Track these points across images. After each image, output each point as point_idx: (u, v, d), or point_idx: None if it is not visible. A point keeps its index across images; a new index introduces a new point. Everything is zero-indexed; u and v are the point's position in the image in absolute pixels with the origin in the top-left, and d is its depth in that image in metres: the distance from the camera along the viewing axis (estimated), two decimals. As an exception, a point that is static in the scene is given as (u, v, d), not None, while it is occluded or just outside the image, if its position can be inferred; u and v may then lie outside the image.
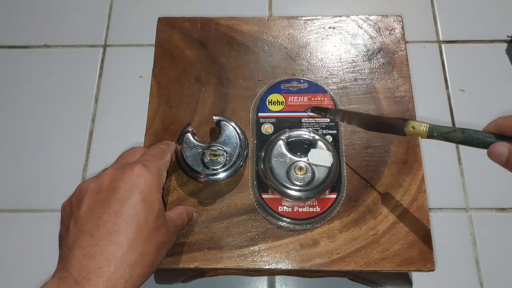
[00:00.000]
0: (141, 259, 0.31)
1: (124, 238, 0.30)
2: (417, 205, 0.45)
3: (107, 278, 0.29)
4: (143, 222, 0.32)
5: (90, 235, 0.30)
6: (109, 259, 0.29)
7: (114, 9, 0.91)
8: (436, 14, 0.89)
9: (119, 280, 0.29)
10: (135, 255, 0.31)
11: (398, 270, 0.43)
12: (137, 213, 0.32)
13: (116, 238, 0.30)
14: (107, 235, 0.30)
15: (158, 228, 0.33)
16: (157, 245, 0.33)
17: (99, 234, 0.30)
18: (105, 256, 0.29)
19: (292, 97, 0.49)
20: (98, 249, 0.30)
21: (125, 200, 0.32)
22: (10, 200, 0.75)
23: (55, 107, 0.82)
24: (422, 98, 0.77)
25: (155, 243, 0.33)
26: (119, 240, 0.30)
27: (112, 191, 0.33)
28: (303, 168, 0.44)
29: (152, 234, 0.32)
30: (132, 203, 0.32)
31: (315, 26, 0.54)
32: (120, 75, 0.84)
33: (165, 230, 0.34)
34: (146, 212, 0.32)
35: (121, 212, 0.31)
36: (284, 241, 0.44)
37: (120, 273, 0.29)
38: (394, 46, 0.53)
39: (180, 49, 0.53)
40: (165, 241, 0.34)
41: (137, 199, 0.32)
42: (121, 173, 0.34)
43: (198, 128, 0.48)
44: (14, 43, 0.88)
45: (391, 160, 0.47)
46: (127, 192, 0.32)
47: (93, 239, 0.30)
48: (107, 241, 0.30)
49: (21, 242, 0.72)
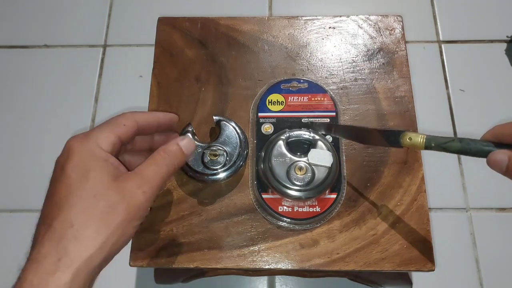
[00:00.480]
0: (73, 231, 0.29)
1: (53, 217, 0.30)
2: (417, 205, 0.45)
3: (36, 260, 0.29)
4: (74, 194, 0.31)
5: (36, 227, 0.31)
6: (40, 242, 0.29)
7: (114, 9, 0.91)
8: (436, 14, 0.89)
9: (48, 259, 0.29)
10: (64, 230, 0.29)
11: (398, 270, 0.43)
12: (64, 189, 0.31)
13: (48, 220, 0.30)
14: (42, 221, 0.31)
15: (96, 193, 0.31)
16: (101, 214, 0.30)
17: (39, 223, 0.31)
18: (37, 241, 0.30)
19: (292, 97, 0.49)
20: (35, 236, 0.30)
21: (56, 180, 0.32)
22: (10, 200, 0.75)
23: (55, 107, 0.82)
24: (422, 98, 0.77)
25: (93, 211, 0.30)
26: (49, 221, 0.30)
27: (51, 178, 0.33)
28: (303, 168, 0.44)
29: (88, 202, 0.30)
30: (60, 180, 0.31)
31: (315, 26, 0.54)
32: (120, 75, 0.84)
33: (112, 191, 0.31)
34: (76, 183, 0.31)
35: (53, 193, 0.31)
36: (284, 241, 0.44)
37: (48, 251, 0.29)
38: (394, 46, 0.53)
39: (180, 49, 0.53)
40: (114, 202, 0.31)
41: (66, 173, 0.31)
42: (59, 156, 0.33)
43: (198, 128, 0.48)
44: (14, 43, 0.88)
45: (391, 160, 0.47)
46: (59, 171, 0.32)
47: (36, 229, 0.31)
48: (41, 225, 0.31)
49: (21, 242, 0.72)
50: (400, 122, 0.49)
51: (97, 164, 0.32)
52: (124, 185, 0.32)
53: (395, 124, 0.49)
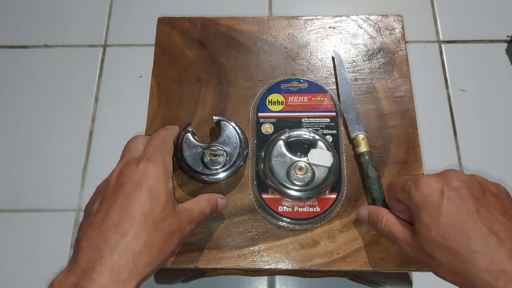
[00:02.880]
0: (145, 248, 0.32)
1: (128, 228, 0.32)
2: (417, 205, 0.45)
3: (111, 266, 0.30)
4: (148, 212, 0.33)
5: (97, 227, 0.32)
6: (112, 248, 0.31)
7: (114, 9, 0.91)
8: (436, 14, 0.89)
9: (123, 268, 0.30)
10: (139, 244, 0.32)
11: (398, 270, 0.43)
12: (142, 205, 0.33)
13: (120, 228, 0.32)
14: (112, 226, 0.32)
15: (165, 218, 0.34)
16: (163, 235, 0.33)
17: (105, 226, 0.32)
18: (109, 245, 0.31)
19: (292, 97, 0.49)
20: (103, 239, 0.31)
21: (131, 193, 0.33)
22: (10, 200, 0.75)
23: (55, 107, 0.82)
24: (422, 98, 0.77)
25: (161, 233, 0.33)
26: (123, 230, 0.32)
27: (119, 186, 0.34)
28: (303, 168, 0.44)
29: (158, 224, 0.33)
30: (137, 195, 0.33)
31: (315, 26, 0.54)
32: (120, 75, 0.84)
33: (174, 219, 0.35)
34: (151, 203, 0.33)
35: (126, 204, 0.33)
36: (284, 241, 0.44)
37: (124, 261, 0.30)
38: (394, 46, 0.53)
39: (180, 49, 0.53)
40: (174, 231, 0.35)
41: (142, 191, 0.34)
42: (127, 169, 0.35)
43: (198, 128, 0.48)
44: (14, 43, 0.88)
45: (391, 160, 0.47)
46: (133, 186, 0.34)
47: (99, 231, 0.32)
48: (111, 231, 0.31)
49: (21, 242, 0.72)
50: (400, 122, 0.49)
51: (167, 190, 0.35)
52: (180, 216, 0.36)
53: (395, 124, 0.49)
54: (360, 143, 0.46)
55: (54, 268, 0.70)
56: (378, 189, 0.44)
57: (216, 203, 0.41)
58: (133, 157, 0.38)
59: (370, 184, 0.44)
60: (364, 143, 0.46)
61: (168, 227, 0.34)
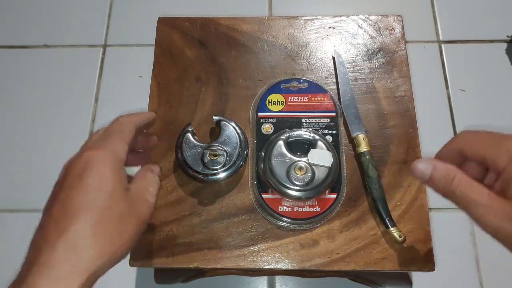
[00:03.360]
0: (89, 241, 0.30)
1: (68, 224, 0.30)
2: (417, 205, 0.45)
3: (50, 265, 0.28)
4: (91, 203, 0.31)
5: (40, 228, 0.31)
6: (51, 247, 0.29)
7: (114, 9, 0.91)
8: (436, 14, 0.89)
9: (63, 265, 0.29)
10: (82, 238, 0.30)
11: (398, 270, 0.43)
12: (83, 196, 0.31)
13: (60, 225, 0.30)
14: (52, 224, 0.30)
15: (111, 205, 0.32)
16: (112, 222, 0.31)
17: (46, 225, 0.31)
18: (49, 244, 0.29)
19: (292, 97, 0.49)
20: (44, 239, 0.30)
21: (72, 186, 0.32)
22: (10, 200, 0.75)
23: (55, 107, 0.82)
24: (422, 98, 0.77)
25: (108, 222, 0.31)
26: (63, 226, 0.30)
27: (62, 181, 0.33)
28: (303, 168, 0.44)
29: (103, 212, 0.31)
30: (78, 187, 0.32)
31: (315, 26, 0.54)
32: (120, 75, 0.84)
33: (124, 204, 0.33)
34: (94, 191, 0.32)
35: (67, 198, 0.31)
36: (284, 241, 0.44)
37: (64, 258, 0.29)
38: (394, 46, 0.53)
39: (180, 49, 0.53)
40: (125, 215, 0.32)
41: (84, 182, 0.32)
42: (71, 161, 0.34)
43: (198, 128, 0.48)
44: (14, 43, 0.88)
45: (391, 160, 0.47)
46: (75, 177, 0.32)
47: (41, 231, 0.31)
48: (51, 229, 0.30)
49: (21, 242, 0.72)
50: (400, 122, 0.49)
51: (113, 176, 0.33)
52: (133, 196, 0.34)
53: (395, 124, 0.49)
54: (361, 143, 0.46)
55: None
56: (378, 189, 0.44)
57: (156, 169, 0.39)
58: (83, 147, 0.36)
59: (370, 184, 0.44)
60: (365, 143, 0.46)
61: (118, 213, 0.32)
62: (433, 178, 0.34)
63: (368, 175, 0.45)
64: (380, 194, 0.44)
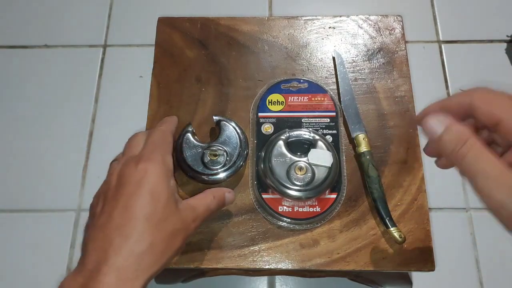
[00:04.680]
0: (149, 249, 0.32)
1: (131, 231, 0.32)
2: (417, 205, 0.45)
3: (116, 267, 0.31)
4: (150, 213, 0.33)
5: (101, 230, 0.33)
6: (117, 250, 0.31)
7: (114, 9, 0.91)
8: (436, 14, 0.89)
9: (128, 269, 0.31)
10: (143, 245, 0.32)
11: (398, 270, 0.43)
12: (143, 206, 0.33)
13: (124, 231, 0.32)
14: (116, 229, 0.32)
15: (167, 217, 0.34)
16: (166, 234, 0.34)
17: (108, 228, 0.32)
18: (114, 247, 0.31)
19: (292, 97, 0.49)
20: (108, 241, 0.32)
21: (132, 194, 0.34)
22: (10, 200, 0.75)
23: (55, 107, 0.82)
24: (422, 98, 0.77)
25: (164, 233, 0.33)
26: (127, 232, 0.32)
27: (120, 187, 0.34)
28: (303, 168, 0.44)
29: (161, 224, 0.33)
30: (138, 196, 0.33)
31: (315, 26, 0.54)
32: (120, 75, 0.84)
33: (177, 218, 0.35)
34: (152, 203, 0.34)
35: (128, 206, 0.33)
36: (284, 241, 0.44)
37: (129, 262, 0.31)
38: (394, 46, 0.53)
39: (180, 49, 0.53)
40: (177, 230, 0.35)
41: (143, 192, 0.34)
42: (127, 169, 0.35)
43: (198, 128, 0.48)
44: (14, 43, 0.88)
45: (391, 160, 0.47)
46: (134, 187, 0.34)
47: (103, 233, 0.32)
48: (115, 234, 0.32)
49: (21, 242, 0.72)
50: (400, 122, 0.49)
51: (167, 189, 0.35)
52: (184, 215, 0.36)
53: (395, 124, 0.49)
54: (361, 143, 0.46)
55: (54, 268, 0.70)
56: (378, 189, 0.44)
57: (223, 197, 0.40)
58: (133, 155, 0.37)
59: (370, 184, 0.44)
60: (365, 143, 0.46)
61: (171, 226, 0.34)
62: (443, 138, 0.30)
63: (368, 175, 0.45)
64: (380, 194, 0.44)
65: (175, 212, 0.35)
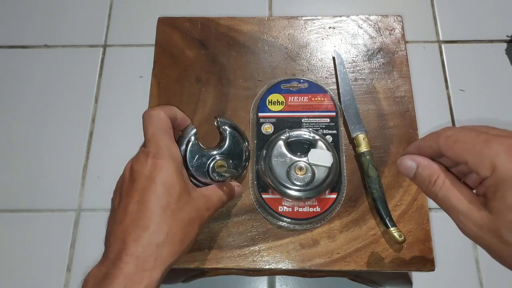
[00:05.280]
0: (167, 238, 0.34)
1: (148, 222, 0.33)
2: (417, 205, 0.45)
3: (136, 256, 0.32)
4: (165, 204, 0.34)
5: (120, 223, 0.34)
6: (136, 241, 0.33)
7: (114, 9, 0.91)
8: (436, 14, 0.89)
9: (148, 258, 0.32)
10: (161, 235, 0.33)
11: (398, 270, 0.43)
12: (158, 198, 0.34)
13: (141, 223, 0.33)
14: (133, 221, 0.34)
15: (182, 207, 0.35)
16: (183, 224, 0.35)
17: (126, 221, 0.34)
18: (133, 238, 0.33)
19: (292, 97, 0.49)
20: (127, 233, 0.33)
21: (146, 188, 0.35)
22: (10, 200, 0.75)
23: (55, 107, 0.82)
24: (422, 98, 0.77)
25: (180, 222, 0.35)
26: (144, 224, 0.33)
27: (133, 182, 0.36)
28: (303, 168, 0.44)
29: (176, 214, 0.35)
30: (152, 190, 0.35)
31: (315, 26, 0.54)
32: (120, 75, 0.84)
33: (192, 207, 0.36)
34: (166, 195, 0.35)
35: (143, 200, 0.34)
36: (284, 241, 0.44)
37: (148, 252, 0.32)
38: (394, 46, 0.53)
39: (180, 49, 0.53)
40: (193, 218, 0.36)
41: (156, 185, 0.35)
42: (137, 164, 0.36)
43: (199, 128, 0.48)
44: (14, 43, 0.88)
45: (391, 160, 0.47)
46: (146, 181, 0.35)
47: (122, 226, 0.34)
48: (133, 226, 0.33)
49: (21, 242, 0.72)
50: (400, 122, 0.49)
51: (180, 180, 0.36)
52: (198, 203, 0.37)
53: (395, 124, 0.49)
54: (361, 143, 0.46)
55: (54, 268, 0.70)
56: (378, 189, 0.44)
57: (233, 190, 0.42)
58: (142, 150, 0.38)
59: (370, 184, 0.44)
60: (365, 143, 0.46)
61: (187, 215, 0.35)
62: (416, 178, 0.33)
63: (368, 175, 0.45)
64: (380, 194, 0.44)
65: (189, 201, 0.36)
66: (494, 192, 0.28)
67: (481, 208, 0.29)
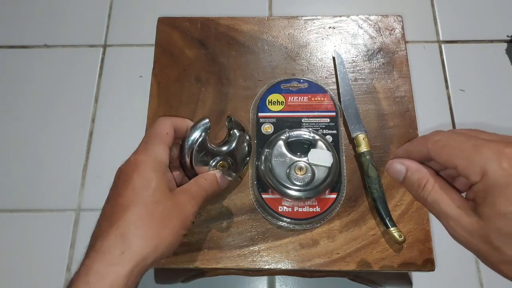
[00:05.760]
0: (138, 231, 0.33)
1: (117, 217, 0.34)
2: (417, 205, 0.45)
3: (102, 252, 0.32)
4: (138, 198, 0.34)
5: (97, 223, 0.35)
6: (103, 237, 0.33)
7: (114, 9, 0.91)
8: (436, 14, 0.89)
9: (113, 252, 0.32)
10: (130, 228, 0.33)
11: (398, 270, 0.43)
12: (130, 193, 0.35)
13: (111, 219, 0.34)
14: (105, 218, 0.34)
15: (158, 200, 0.35)
16: (159, 216, 0.34)
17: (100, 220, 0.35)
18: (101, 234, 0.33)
19: (292, 97, 0.49)
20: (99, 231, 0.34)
21: (121, 185, 0.35)
22: (10, 200, 0.75)
23: (55, 107, 0.82)
24: (422, 98, 0.77)
25: (156, 215, 0.34)
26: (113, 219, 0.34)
27: (115, 182, 0.37)
28: (303, 168, 0.44)
29: (150, 207, 0.34)
30: (126, 186, 0.35)
31: (315, 26, 0.54)
32: (120, 75, 0.84)
33: (170, 201, 0.36)
34: (140, 189, 0.35)
35: (117, 196, 0.35)
36: (284, 241, 0.44)
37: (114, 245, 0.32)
38: (394, 46, 0.53)
39: (180, 49, 0.53)
40: (170, 211, 0.35)
41: (130, 181, 0.35)
42: (123, 164, 0.38)
43: (198, 128, 0.48)
44: (14, 43, 0.88)
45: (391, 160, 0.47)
46: (124, 178, 0.36)
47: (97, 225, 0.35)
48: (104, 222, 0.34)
49: (21, 242, 0.72)
50: (400, 122, 0.49)
51: (157, 176, 0.36)
52: (178, 197, 0.37)
53: (395, 124, 0.49)
54: (361, 143, 0.46)
55: (54, 268, 0.70)
56: (378, 189, 0.44)
57: (214, 178, 0.40)
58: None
59: (370, 184, 0.44)
60: (365, 143, 0.46)
61: (165, 209, 0.35)
62: (405, 182, 0.33)
63: (368, 175, 0.45)
64: (380, 194, 0.44)
65: (166, 195, 0.36)
66: (484, 198, 0.28)
67: (470, 214, 0.29)
